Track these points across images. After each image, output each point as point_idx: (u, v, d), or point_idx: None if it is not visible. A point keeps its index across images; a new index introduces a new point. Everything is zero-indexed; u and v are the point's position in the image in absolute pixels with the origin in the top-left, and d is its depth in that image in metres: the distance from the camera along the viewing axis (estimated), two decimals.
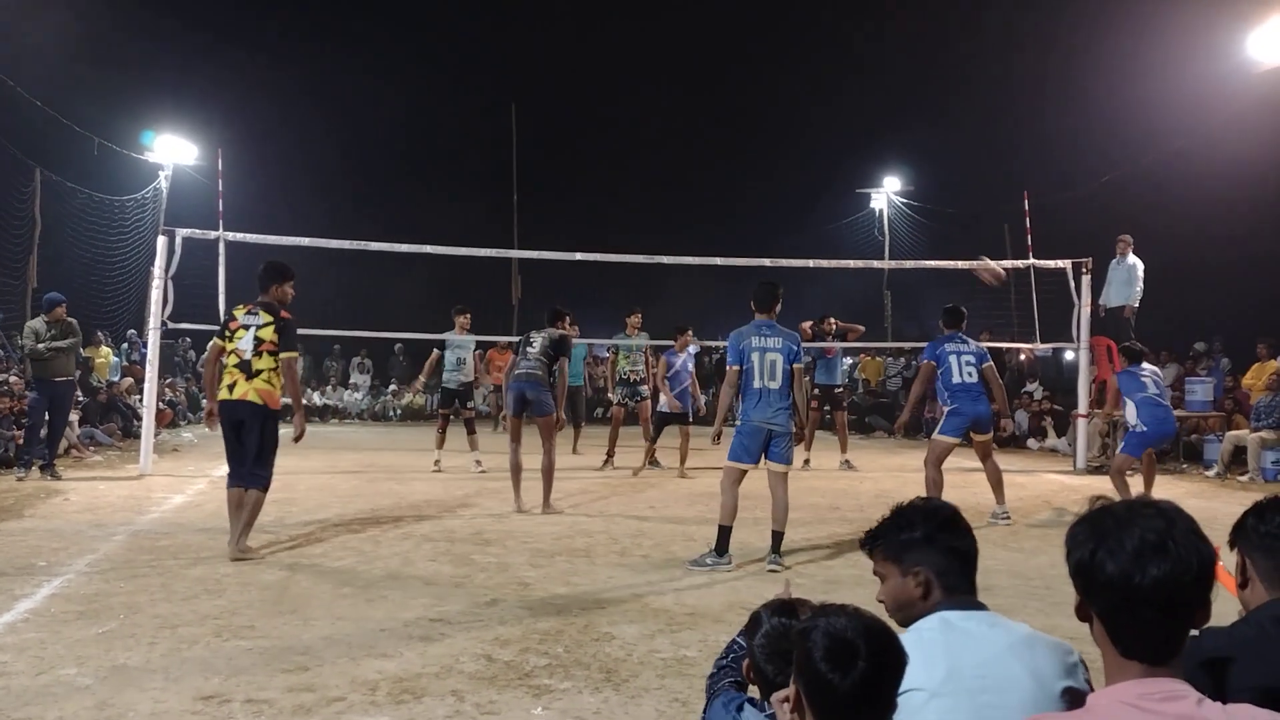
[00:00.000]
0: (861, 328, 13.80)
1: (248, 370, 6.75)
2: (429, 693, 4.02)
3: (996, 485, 8.80)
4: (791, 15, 31.13)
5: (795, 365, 6.83)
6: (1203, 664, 1.93)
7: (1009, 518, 8.61)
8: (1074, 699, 2.06)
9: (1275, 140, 15.85)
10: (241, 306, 7.07)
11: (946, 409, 8.67)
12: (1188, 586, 1.62)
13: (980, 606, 2.26)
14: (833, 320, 13.52)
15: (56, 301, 11.32)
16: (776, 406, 6.73)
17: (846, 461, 13.11)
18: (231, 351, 6.83)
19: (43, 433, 11.04)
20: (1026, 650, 2.12)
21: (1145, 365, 9.64)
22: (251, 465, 6.79)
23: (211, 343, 7.31)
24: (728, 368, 6.94)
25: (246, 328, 6.84)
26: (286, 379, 6.86)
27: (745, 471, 6.82)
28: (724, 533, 6.67)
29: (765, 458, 6.82)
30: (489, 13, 30.45)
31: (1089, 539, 1.68)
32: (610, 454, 12.66)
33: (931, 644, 2.09)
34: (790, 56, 31.84)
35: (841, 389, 13.82)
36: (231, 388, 6.77)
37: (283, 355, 6.82)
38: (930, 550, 2.29)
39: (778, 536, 6.74)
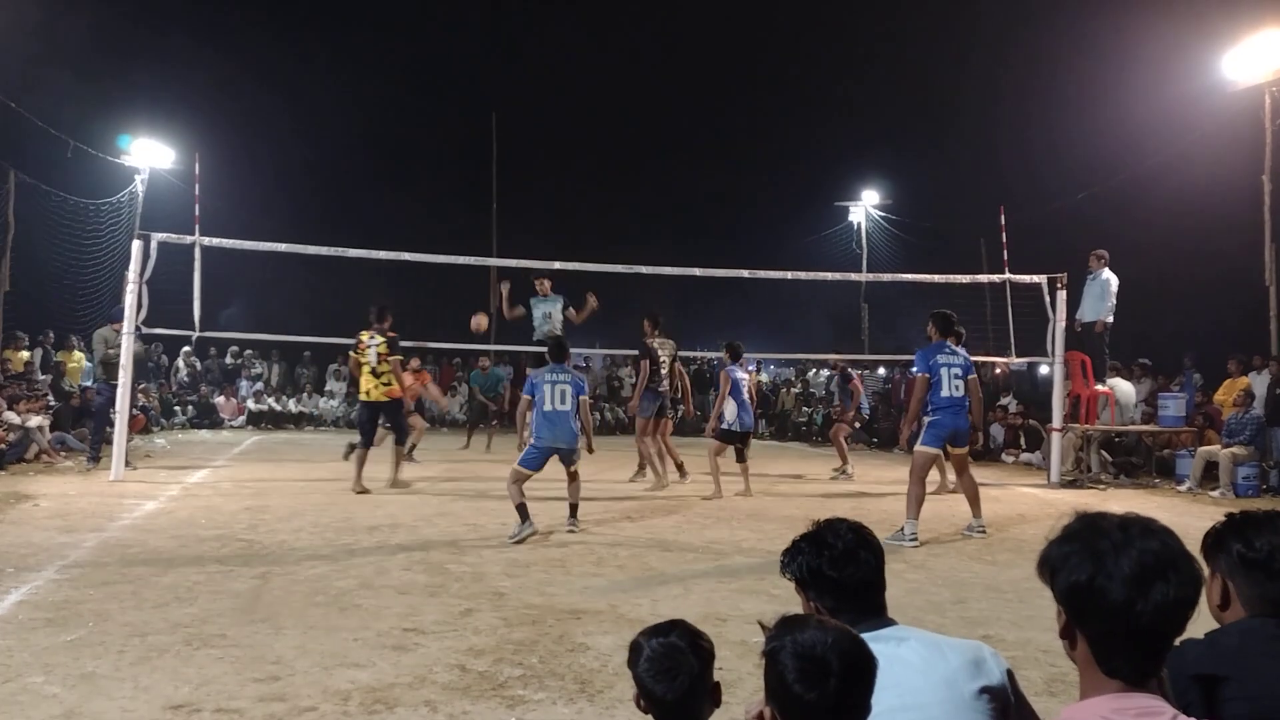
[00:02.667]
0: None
1: (375, 373, 10.64)
2: (402, 703, 3.99)
3: (973, 499, 8.81)
4: (775, 30, 31.36)
5: (582, 397, 8.42)
6: (1195, 677, 1.92)
7: (985, 531, 8.63)
8: (993, 696, 2.11)
9: (1249, 159, 16.05)
10: (366, 332, 10.75)
11: (928, 419, 8.65)
12: (1186, 609, 1.58)
13: (887, 623, 2.28)
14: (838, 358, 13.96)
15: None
16: (564, 428, 8.26)
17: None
18: (365, 362, 10.66)
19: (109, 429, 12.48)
20: (938, 660, 2.16)
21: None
22: (398, 434, 11.20)
23: (350, 356, 11.18)
24: (523, 397, 8.53)
25: (370, 345, 10.63)
26: (395, 373, 10.74)
27: (530, 475, 8.17)
28: (521, 509, 7.98)
29: (561, 462, 8.39)
30: (470, 21, 30.51)
31: (1085, 563, 1.61)
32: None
33: None
34: (773, 70, 32.05)
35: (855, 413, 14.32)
36: (368, 392, 10.71)
37: (391, 358, 10.71)
38: (818, 589, 2.31)
39: (574, 507, 8.56)
